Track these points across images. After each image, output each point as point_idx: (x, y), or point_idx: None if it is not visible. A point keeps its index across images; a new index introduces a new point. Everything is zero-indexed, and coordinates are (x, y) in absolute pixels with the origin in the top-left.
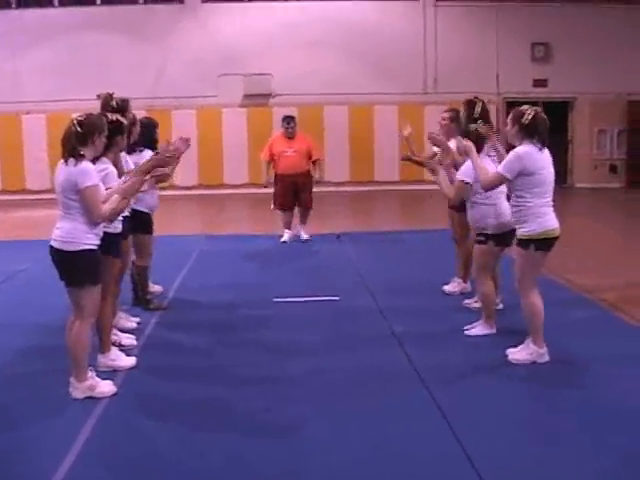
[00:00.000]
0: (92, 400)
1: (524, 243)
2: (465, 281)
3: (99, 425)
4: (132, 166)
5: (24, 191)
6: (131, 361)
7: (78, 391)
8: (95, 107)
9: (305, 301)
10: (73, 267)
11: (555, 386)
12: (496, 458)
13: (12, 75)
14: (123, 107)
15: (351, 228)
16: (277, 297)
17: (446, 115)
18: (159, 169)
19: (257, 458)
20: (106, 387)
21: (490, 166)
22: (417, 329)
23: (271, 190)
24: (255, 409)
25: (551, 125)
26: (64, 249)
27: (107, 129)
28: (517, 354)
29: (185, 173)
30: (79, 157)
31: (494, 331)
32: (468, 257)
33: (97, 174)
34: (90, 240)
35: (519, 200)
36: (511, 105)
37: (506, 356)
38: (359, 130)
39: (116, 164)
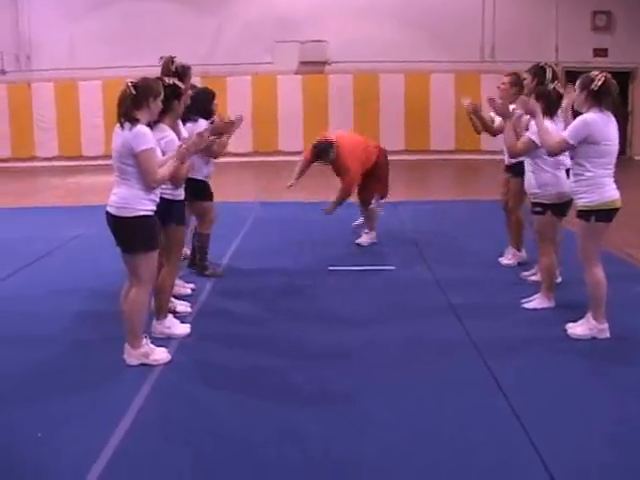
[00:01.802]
0: (146, 367)
1: (585, 214)
2: (520, 250)
3: (153, 393)
4: (186, 135)
5: (80, 157)
6: (186, 329)
7: (132, 358)
8: (150, 74)
9: (360, 270)
10: (129, 233)
11: (616, 363)
12: (554, 434)
13: (69, 42)
14: (183, 73)
15: (406, 197)
16: (332, 265)
17: (506, 79)
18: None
19: (309, 430)
20: (161, 354)
21: (555, 130)
22: (474, 301)
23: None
24: (309, 379)
25: None
26: (120, 215)
27: (164, 93)
28: (577, 329)
29: (240, 140)
30: (134, 121)
31: (552, 305)
32: (519, 226)
33: (154, 139)
34: (146, 206)
35: (580, 169)
36: (570, 75)
37: (565, 330)
38: (415, 98)
39: (174, 130)
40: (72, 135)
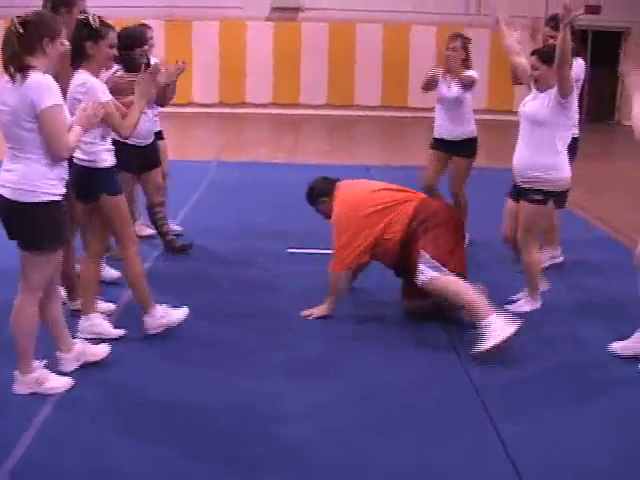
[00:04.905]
0: (37, 398)
1: None
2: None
3: (36, 441)
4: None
5: None
6: (119, 332)
7: (22, 385)
8: (115, 17)
9: (323, 254)
10: (29, 224)
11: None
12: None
13: None
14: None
15: (382, 160)
16: (291, 247)
17: (458, 44)
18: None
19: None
20: (58, 381)
21: None
22: None
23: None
24: (257, 400)
25: (601, 56)
26: (18, 200)
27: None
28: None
29: (205, 90)
30: (25, 69)
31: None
32: None
33: (58, 91)
34: (53, 188)
35: None
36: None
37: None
38: (394, 51)
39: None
40: None
